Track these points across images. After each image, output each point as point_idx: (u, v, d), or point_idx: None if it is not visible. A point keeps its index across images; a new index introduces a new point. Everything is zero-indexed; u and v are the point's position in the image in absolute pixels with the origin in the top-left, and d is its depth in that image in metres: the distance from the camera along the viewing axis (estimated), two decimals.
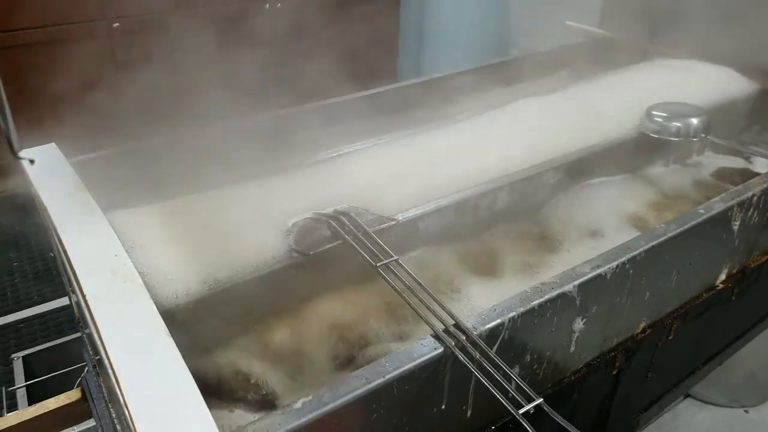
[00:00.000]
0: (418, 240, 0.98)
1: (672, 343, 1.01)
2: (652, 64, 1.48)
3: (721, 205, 0.92)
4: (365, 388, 0.62)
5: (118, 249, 0.75)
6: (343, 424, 0.61)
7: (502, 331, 0.71)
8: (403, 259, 0.96)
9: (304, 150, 1.18)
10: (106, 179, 0.99)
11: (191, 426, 0.53)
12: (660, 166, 1.26)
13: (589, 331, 0.83)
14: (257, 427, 0.57)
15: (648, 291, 0.89)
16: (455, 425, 0.74)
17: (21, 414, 1.01)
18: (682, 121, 1.15)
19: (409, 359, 0.65)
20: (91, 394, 1.02)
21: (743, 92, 1.38)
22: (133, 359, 0.59)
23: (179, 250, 0.82)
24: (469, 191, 1.01)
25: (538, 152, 1.12)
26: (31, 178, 0.93)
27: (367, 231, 0.85)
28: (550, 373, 0.82)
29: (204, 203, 0.93)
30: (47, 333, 2.32)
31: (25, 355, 1.74)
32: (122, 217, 0.87)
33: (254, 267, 0.83)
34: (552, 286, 0.75)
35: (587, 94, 1.35)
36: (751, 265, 1.09)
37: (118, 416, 0.82)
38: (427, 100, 1.44)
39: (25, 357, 1.74)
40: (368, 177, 1.05)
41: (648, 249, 0.83)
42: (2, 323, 2.36)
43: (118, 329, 0.63)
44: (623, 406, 1.01)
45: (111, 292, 0.68)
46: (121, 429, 0.82)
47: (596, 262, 0.79)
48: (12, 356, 1.73)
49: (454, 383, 0.70)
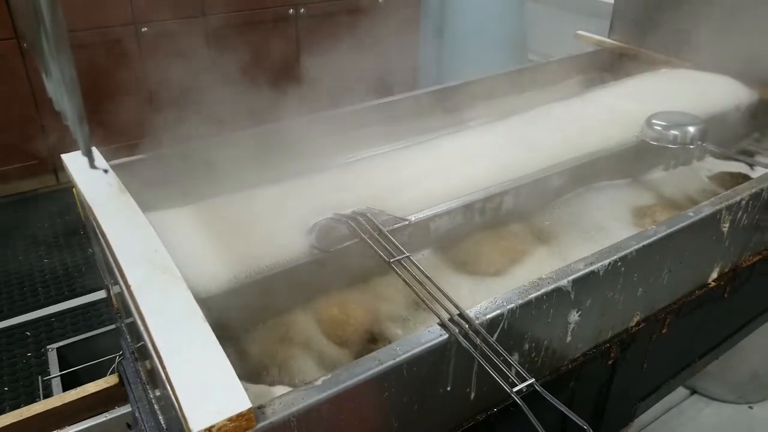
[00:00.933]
0: (429, 239, 1.06)
1: (666, 336, 1.08)
2: (657, 74, 1.55)
3: (710, 208, 0.99)
4: (378, 368, 0.70)
5: (158, 245, 0.84)
6: (358, 400, 0.70)
7: (502, 321, 0.78)
8: (416, 256, 1.05)
9: (325, 154, 1.26)
10: (142, 181, 1.08)
11: (227, 397, 0.61)
12: (661, 171, 1.33)
13: (583, 323, 0.90)
14: (283, 401, 0.65)
15: (640, 287, 0.96)
16: (460, 406, 0.82)
17: (63, 397, 1.11)
18: (679, 130, 1.21)
19: (418, 344, 0.73)
20: (128, 379, 1.11)
21: (743, 101, 1.44)
22: (174, 342, 0.68)
23: (211, 247, 0.91)
24: (477, 194, 1.09)
25: (544, 157, 1.20)
26: (75, 180, 1.02)
27: (382, 230, 0.93)
28: (548, 361, 0.90)
29: (233, 204, 1.02)
30: (77, 327, 2.43)
31: (59, 346, 1.84)
32: (160, 216, 0.95)
33: (279, 263, 0.92)
34: (548, 281, 0.83)
35: (593, 102, 1.42)
36: (743, 264, 1.15)
37: (158, 397, 0.90)
38: (441, 108, 1.52)
39: (58, 348, 1.84)
40: (384, 180, 1.13)
41: (639, 248, 0.90)
42: (36, 317, 2.47)
43: (160, 315, 0.72)
44: (620, 394, 1.08)
45: (152, 283, 0.77)
46: (159, 408, 0.91)
47: (590, 259, 0.86)
48: (47, 347, 1.83)
49: (459, 367, 0.77)
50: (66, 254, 2.91)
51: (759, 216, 1.10)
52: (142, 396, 1.01)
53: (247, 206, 1.02)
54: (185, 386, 0.62)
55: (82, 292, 2.64)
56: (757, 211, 1.08)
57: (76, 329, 2.41)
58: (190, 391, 0.62)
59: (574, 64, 1.78)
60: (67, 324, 2.45)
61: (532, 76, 1.70)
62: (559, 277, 0.83)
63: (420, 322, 0.93)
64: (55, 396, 1.12)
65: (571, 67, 1.77)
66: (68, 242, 2.99)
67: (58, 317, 2.49)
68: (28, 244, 2.97)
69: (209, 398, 0.61)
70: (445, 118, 1.48)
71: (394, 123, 1.42)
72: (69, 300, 2.61)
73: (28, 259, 2.88)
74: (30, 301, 2.60)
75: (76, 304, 2.59)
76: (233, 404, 0.60)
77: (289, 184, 1.10)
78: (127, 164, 1.10)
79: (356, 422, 0.71)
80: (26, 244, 2.97)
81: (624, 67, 1.72)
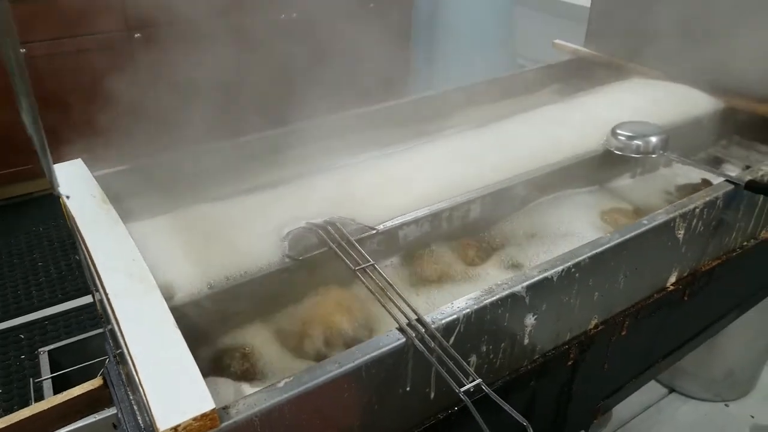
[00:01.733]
0: (398, 246, 1.11)
1: (626, 338, 1.13)
2: (627, 84, 1.60)
3: (664, 216, 1.04)
4: (337, 371, 0.74)
5: (136, 254, 0.89)
6: (319, 401, 0.74)
7: (458, 325, 0.83)
8: (385, 263, 1.10)
9: (302, 163, 1.31)
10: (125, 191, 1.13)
11: (192, 398, 0.66)
12: (627, 178, 1.38)
13: (540, 326, 0.95)
14: (247, 402, 0.70)
15: (596, 292, 1.01)
16: (420, 405, 0.87)
17: (51, 400, 1.16)
18: (642, 140, 1.26)
19: (376, 348, 0.77)
20: (112, 381, 1.16)
21: (709, 109, 1.49)
22: (146, 348, 0.73)
23: (187, 255, 0.96)
24: (445, 203, 1.14)
25: (512, 167, 1.25)
26: (60, 191, 1.07)
27: (349, 239, 0.98)
28: (507, 362, 0.95)
29: (210, 214, 1.07)
30: (70, 329, 2.48)
31: (51, 349, 1.89)
32: (139, 226, 1.00)
33: (252, 270, 0.97)
34: (503, 287, 0.87)
35: (563, 112, 1.47)
36: (703, 269, 1.21)
37: (136, 398, 0.95)
38: (418, 117, 1.57)
39: (50, 351, 1.88)
40: (360, 189, 1.18)
41: (592, 256, 0.95)
42: (29, 320, 2.52)
43: (134, 322, 0.76)
44: (583, 393, 1.13)
45: (129, 291, 0.82)
46: (138, 409, 0.96)
47: (544, 266, 0.91)
48: (38, 350, 1.87)
49: (417, 369, 0.82)
50: (60, 257, 2.96)
51: (715, 223, 1.15)
52: (125, 397, 1.06)
53: (224, 215, 1.07)
54: (154, 388, 0.67)
55: (75, 295, 2.69)
56: (712, 218, 1.13)
57: (69, 332, 2.46)
58: (158, 392, 0.67)
59: (550, 72, 1.83)
60: (60, 327, 2.50)
61: (510, 85, 1.76)
62: (513, 283, 0.88)
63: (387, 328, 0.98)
64: (42, 401, 1.17)
65: (547, 76, 1.83)
66: (62, 245, 3.04)
67: (51, 320, 2.54)
68: (22, 247, 3.02)
69: (176, 399, 0.66)
70: (422, 127, 1.52)
71: (372, 131, 1.47)
72: (63, 303, 2.66)
73: (23, 263, 2.93)
74: (24, 304, 2.65)
75: (69, 306, 2.65)
76: (198, 405, 0.65)
77: (267, 193, 1.15)
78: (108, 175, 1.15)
79: (318, 421, 0.76)
80: (20, 248, 3.02)
81: (598, 76, 1.77)
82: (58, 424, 1.15)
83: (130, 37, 3.05)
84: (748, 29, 1.45)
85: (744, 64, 1.46)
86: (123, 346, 0.78)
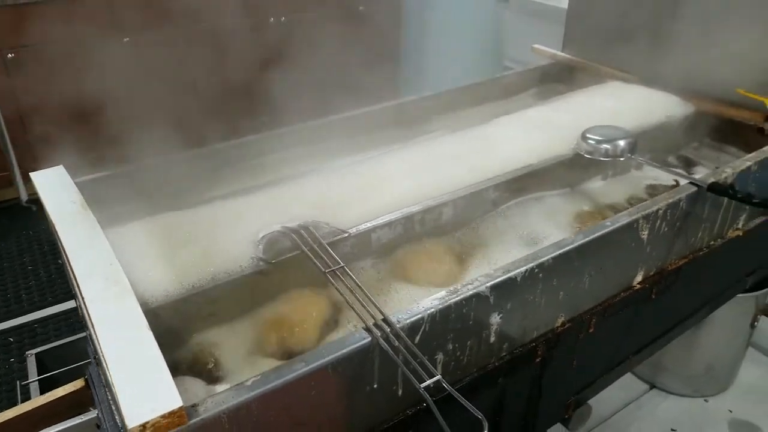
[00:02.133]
0: (371, 249, 1.14)
1: (594, 335, 1.16)
2: (601, 88, 1.64)
3: (627, 218, 1.07)
4: (304, 369, 0.77)
5: (112, 259, 0.92)
6: (286, 399, 0.77)
7: (423, 324, 0.86)
8: (358, 265, 1.13)
9: (279, 169, 1.34)
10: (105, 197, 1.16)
11: (161, 397, 0.69)
12: (598, 180, 1.41)
13: (506, 324, 0.98)
14: (215, 399, 0.73)
15: (561, 291, 1.04)
16: (388, 402, 0.90)
17: (35, 401, 1.19)
18: (611, 144, 1.30)
19: (342, 347, 0.80)
20: (94, 383, 1.19)
21: (680, 113, 1.53)
22: (118, 349, 0.75)
23: (163, 259, 0.99)
24: (417, 206, 1.17)
25: (486, 170, 1.28)
26: (41, 197, 1.10)
27: (321, 243, 1.02)
28: (474, 360, 0.98)
29: (186, 219, 1.10)
30: (60, 333, 2.51)
31: (38, 352, 1.92)
32: (116, 231, 1.03)
33: (226, 273, 1.00)
34: (468, 287, 0.91)
35: (539, 115, 1.51)
36: (669, 267, 1.24)
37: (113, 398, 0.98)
38: (397, 122, 1.60)
39: (37, 354, 1.91)
40: (335, 193, 1.21)
41: (555, 256, 0.98)
42: (19, 323, 2.55)
43: (108, 325, 0.79)
44: (553, 389, 1.17)
45: (104, 295, 0.85)
46: (115, 409, 0.99)
47: (508, 267, 0.95)
48: (26, 353, 1.90)
49: (383, 367, 0.85)
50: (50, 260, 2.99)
51: (679, 224, 1.18)
52: (105, 398, 1.09)
53: (200, 220, 1.10)
54: (124, 388, 0.70)
55: (65, 298, 2.72)
56: (676, 220, 1.17)
57: (59, 334, 2.49)
58: (128, 392, 0.70)
59: (529, 77, 1.87)
60: (50, 330, 2.53)
61: (489, 90, 1.79)
62: (478, 283, 0.92)
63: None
64: (27, 402, 1.19)
65: (526, 80, 1.86)
66: (52, 249, 3.06)
67: (41, 323, 2.57)
68: (12, 250, 3.05)
69: (145, 398, 0.69)
70: (400, 132, 1.56)
71: (350, 137, 1.50)
72: (52, 306, 2.69)
73: (12, 266, 2.96)
74: (14, 307, 2.67)
75: (59, 309, 2.68)
76: (166, 403, 0.68)
77: (244, 198, 1.18)
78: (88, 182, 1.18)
79: (286, 418, 0.79)
80: (11, 251, 3.04)
81: (575, 80, 1.81)
82: (42, 424, 1.18)
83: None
84: (717, 35, 1.49)
85: (713, 69, 1.50)
86: (98, 349, 0.81)
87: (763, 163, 1.28)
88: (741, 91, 1.43)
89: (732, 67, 1.47)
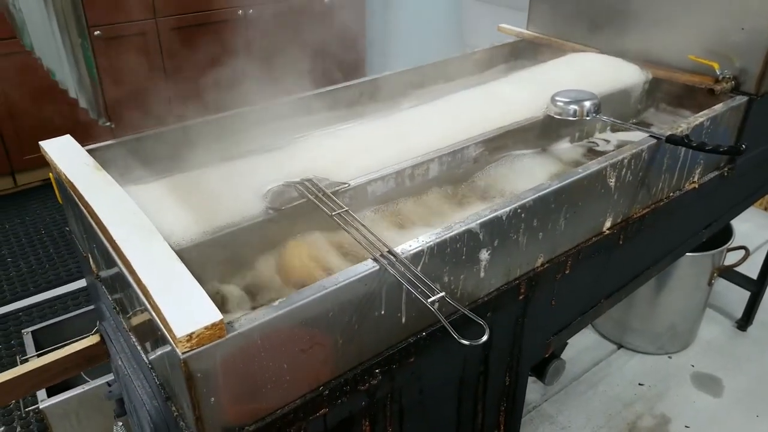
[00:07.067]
0: (367, 201, 1.24)
1: (570, 277, 1.28)
2: (564, 59, 1.77)
3: (596, 165, 1.20)
4: (322, 292, 0.87)
5: (136, 209, 1.00)
6: (308, 318, 0.87)
7: (423, 256, 0.97)
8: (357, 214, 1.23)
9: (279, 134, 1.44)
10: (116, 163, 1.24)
11: (202, 313, 0.78)
12: (567, 141, 1.54)
13: (494, 261, 1.09)
14: (248, 317, 0.82)
15: (540, 232, 1.16)
16: (393, 328, 1.00)
17: (54, 354, 1.26)
18: (578, 105, 1.42)
19: (354, 273, 0.91)
20: (109, 336, 1.27)
21: (638, 79, 1.67)
22: (156, 277, 0.84)
23: (181, 210, 1.07)
24: (407, 162, 1.28)
25: (466, 133, 1.40)
26: (56, 162, 1.17)
27: (325, 192, 1.11)
28: (467, 294, 1.09)
29: (195, 179, 1.19)
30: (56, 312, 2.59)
31: (34, 330, 1.97)
32: (135, 189, 1.12)
33: (239, 221, 1.09)
34: (460, 224, 1.02)
35: (508, 85, 1.63)
36: (634, 216, 1.37)
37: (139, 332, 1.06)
38: (378, 95, 1.71)
39: (33, 332, 1.96)
40: (329, 155, 1.31)
41: (535, 198, 1.10)
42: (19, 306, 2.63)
43: (143, 259, 0.88)
44: (534, 328, 1.28)
45: (134, 237, 0.93)
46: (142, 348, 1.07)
47: (494, 206, 1.06)
48: (22, 331, 1.95)
49: (389, 294, 0.95)
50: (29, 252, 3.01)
51: (642, 174, 1.31)
52: (123, 346, 1.17)
53: (212, 178, 1.19)
54: (169, 307, 0.79)
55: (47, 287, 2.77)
56: (639, 170, 1.30)
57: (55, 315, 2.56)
58: (172, 310, 0.79)
59: (497, 53, 1.99)
60: (46, 313, 2.61)
61: (460, 65, 1.90)
62: (469, 221, 1.03)
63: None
64: (44, 356, 1.26)
65: (494, 56, 1.98)
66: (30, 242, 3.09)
67: (38, 306, 2.65)
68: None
69: (189, 314, 0.78)
70: (381, 104, 1.66)
71: (337, 108, 1.60)
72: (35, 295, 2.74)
73: None
74: None
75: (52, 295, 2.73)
76: (207, 316, 0.77)
77: (246, 160, 1.27)
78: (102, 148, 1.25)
79: (307, 337, 0.89)
80: None
81: (540, 54, 1.93)
82: (60, 376, 1.25)
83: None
84: (669, 8, 1.63)
85: (666, 39, 1.64)
86: (133, 283, 0.89)
87: (714, 118, 1.42)
88: (693, 57, 1.57)
89: (683, 36, 1.61)
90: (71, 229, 1.35)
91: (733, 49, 1.55)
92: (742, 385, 2.29)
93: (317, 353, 0.91)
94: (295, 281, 1.07)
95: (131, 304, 1.00)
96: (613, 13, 1.77)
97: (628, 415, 2.16)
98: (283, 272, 1.11)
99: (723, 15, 1.54)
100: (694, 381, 2.31)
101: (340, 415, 0.99)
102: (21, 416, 2.10)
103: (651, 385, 2.28)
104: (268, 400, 0.88)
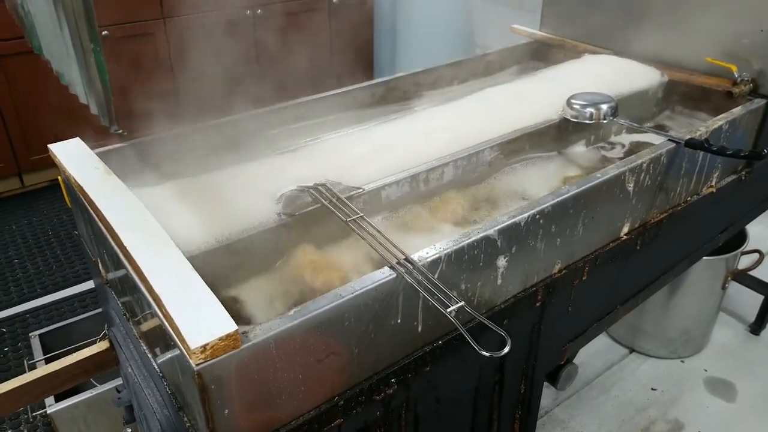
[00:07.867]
0: (382, 205, 1.22)
1: (587, 283, 1.26)
2: (578, 61, 1.74)
3: (615, 170, 1.17)
4: (338, 302, 0.85)
5: (146, 214, 0.98)
6: (323, 327, 0.85)
7: (440, 263, 0.95)
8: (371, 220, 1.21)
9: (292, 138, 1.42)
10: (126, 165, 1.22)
11: (217, 323, 0.76)
12: (582, 144, 1.51)
13: (511, 267, 1.07)
14: (263, 327, 0.80)
15: (558, 238, 1.13)
16: (409, 337, 0.98)
17: (63, 361, 1.24)
18: (594, 107, 1.40)
19: (371, 282, 0.88)
20: (119, 342, 1.25)
21: (654, 82, 1.64)
22: (168, 284, 0.82)
23: (193, 216, 1.06)
24: (422, 167, 1.25)
25: (480, 135, 1.37)
26: (65, 166, 1.15)
27: (339, 197, 1.09)
28: (483, 301, 1.07)
29: (207, 182, 1.17)
30: (63, 315, 2.58)
31: (41, 333, 1.95)
32: (146, 192, 1.10)
33: (252, 227, 1.07)
34: (478, 231, 0.99)
35: (523, 87, 1.61)
36: (651, 221, 1.34)
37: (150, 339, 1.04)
38: (392, 96, 1.69)
39: (41, 335, 1.95)
40: (342, 158, 1.29)
41: (554, 203, 1.07)
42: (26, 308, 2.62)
43: (155, 266, 0.86)
44: (551, 334, 1.26)
45: (145, 243, 0.91)
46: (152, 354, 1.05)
47: (513, 213, 1.04)
48: (30, 335, 1.94)
49: (406, 302, 0.93)
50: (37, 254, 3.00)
51: (660, 178, 1.29)
52: (134, 353, 1.15)
53: (222, 183, 1.17)
54: (182, 317, 0.77)
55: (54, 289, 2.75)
56: (657, 174, 1.27)
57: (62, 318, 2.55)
58: (186, 320, 0.77)
59: (509, 54, 1.97)
60: (53, 315, 2.59)
61: (473, 67, 1.88)
62: (487, 227, 1.00)
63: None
64: (54, 362, 1.25)
65: (507, 58, 1.96)
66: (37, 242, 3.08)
67: (45, 309, 2.63)
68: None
69: (203, 324, 0.76)
70: (395, 105, 1.64)
71: (350, 110, 1.58)
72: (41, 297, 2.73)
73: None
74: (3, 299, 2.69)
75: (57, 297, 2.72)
76: (222, 327, 0.75)
77: (259, 163, 1.25)
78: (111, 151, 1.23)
79: (323, 346, 0.87)
80: None
81: (553, 56, 1.91)
82: (68, 383, 1.23)
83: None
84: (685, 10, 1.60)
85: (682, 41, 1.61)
86: (143, 290, 0.87)
87: (733, 122, 1.40)
88: (710, 59, 1.54)
89: (700, 38, 1.58)
90: (80, 232, 1.34)
91: (751, 51, 1.52)
92: (756, 389, 2.26)
93: (333, 363, 0.89)
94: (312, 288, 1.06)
95: (142, 311, 0.98)
96: (628, 15, 1.74)
97: (640, 420, 2.14)
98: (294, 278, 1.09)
99: (740, 16, 1.52)
100: (707, 386, 2.28)
101: (354, 426, 0.97)
102: (28, 420, 2.08)
103: (664, 389, 2.25)
104: (282, 411, 0.86)
